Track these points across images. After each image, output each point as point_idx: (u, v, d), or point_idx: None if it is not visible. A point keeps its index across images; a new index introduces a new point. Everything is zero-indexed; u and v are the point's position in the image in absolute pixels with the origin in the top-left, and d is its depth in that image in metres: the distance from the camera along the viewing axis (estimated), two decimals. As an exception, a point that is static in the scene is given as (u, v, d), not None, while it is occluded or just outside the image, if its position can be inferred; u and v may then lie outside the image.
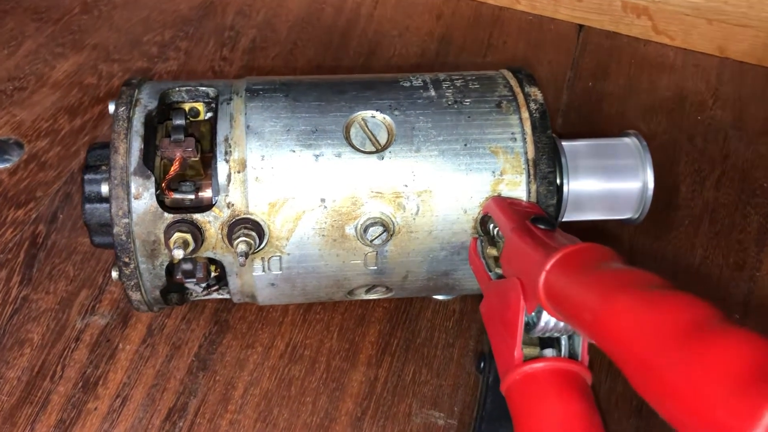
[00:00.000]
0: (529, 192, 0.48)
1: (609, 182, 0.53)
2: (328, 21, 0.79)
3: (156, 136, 0.48)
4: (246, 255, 0.44)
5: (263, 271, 0.47)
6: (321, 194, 0.46)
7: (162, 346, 0.54)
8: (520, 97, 0.49)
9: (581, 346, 0.39)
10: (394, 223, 0.47)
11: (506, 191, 0.47)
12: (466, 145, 0.47)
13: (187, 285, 0.51)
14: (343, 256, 0.47)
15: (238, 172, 0.46)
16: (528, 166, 0.48)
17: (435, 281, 0.50)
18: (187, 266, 0.48)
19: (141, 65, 0.73)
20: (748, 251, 0.63)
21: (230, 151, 0.46)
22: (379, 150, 0.47)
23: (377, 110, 0.48)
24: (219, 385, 0.53)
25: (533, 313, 0.39)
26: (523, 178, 0.47)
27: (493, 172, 0.47)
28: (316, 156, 0.46)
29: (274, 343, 0.55)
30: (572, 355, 0.39)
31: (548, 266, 0.36)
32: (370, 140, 0.47)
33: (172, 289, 0.51)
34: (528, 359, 0.38)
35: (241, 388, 0.53)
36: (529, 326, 0.39)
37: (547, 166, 0.47)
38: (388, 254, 0.48)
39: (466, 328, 0.56)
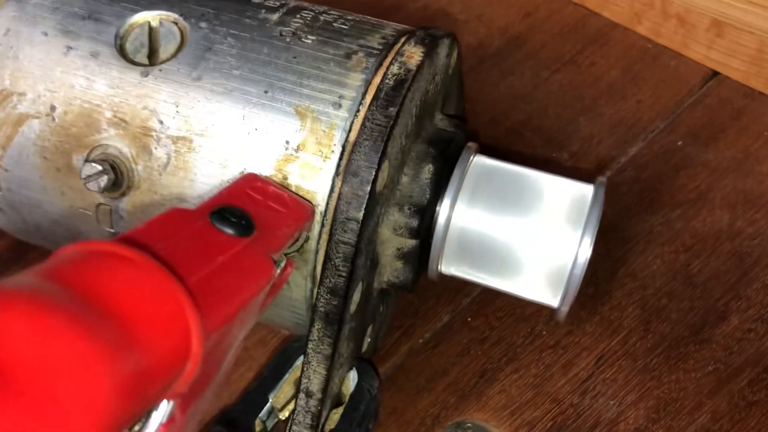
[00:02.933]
0: (331, 189, 0.30)
1: (522, 236, 0.33)
2: (391, -12, 0.65)
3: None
4: None
5: (-22, 182, 0.35)
6: (53, 100, 0.33)
7: (-57, 253, 0.45)
8: (390, 56, 0.32)
9: None
10: (134, 171, 0.32)
11: (296, 177, 0.30)
12: (267, 92, 0.31)
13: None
14: (70, 197, 0.34)
15: (-25, 41, 0.34)
16: (343, 150, 0.30)
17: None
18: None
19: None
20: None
21: (-19, 14, 0.35)
22: (149, 64, 0.32)
23: (182, 16, 0.33)
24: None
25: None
26: (328, 165, 0.30)
27: (287, 143, 0.30)
28: (68, 48, 0.33)
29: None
30: None
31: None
32: (148, 49, 0.33)
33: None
34: None
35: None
36: None
37: (367, 159, 0.29)
38: (124, 216, 0.33)
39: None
